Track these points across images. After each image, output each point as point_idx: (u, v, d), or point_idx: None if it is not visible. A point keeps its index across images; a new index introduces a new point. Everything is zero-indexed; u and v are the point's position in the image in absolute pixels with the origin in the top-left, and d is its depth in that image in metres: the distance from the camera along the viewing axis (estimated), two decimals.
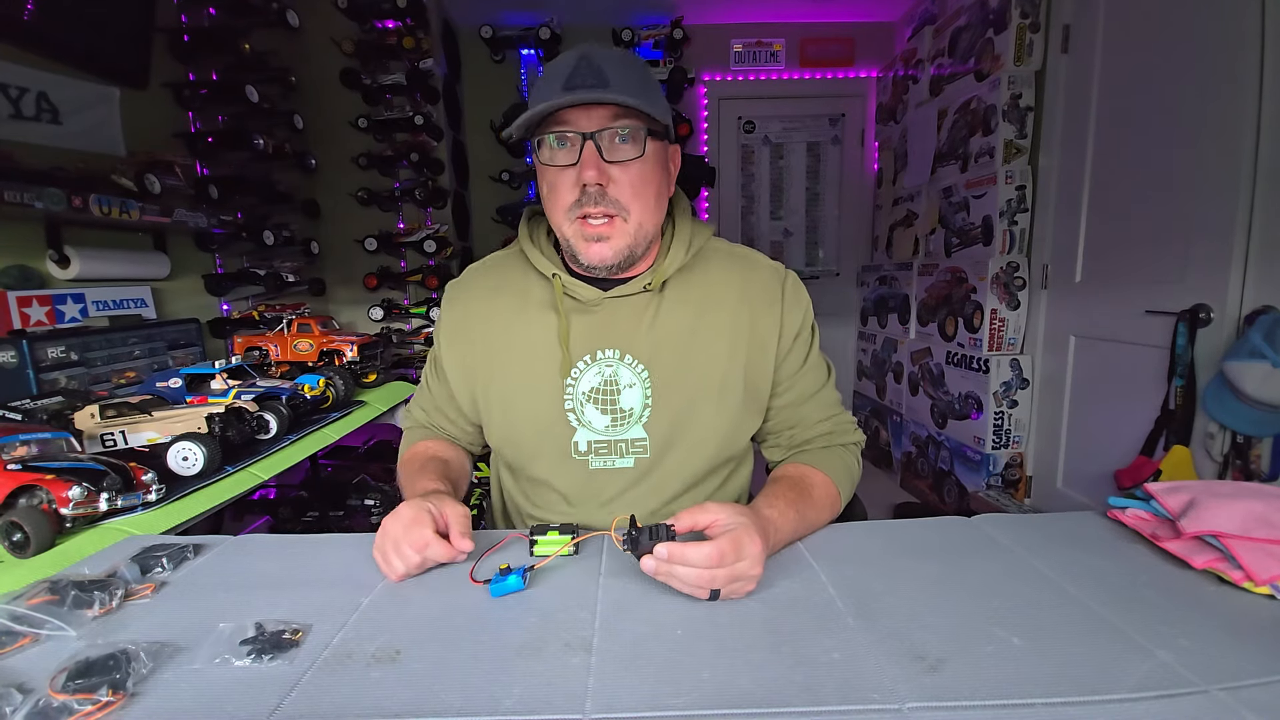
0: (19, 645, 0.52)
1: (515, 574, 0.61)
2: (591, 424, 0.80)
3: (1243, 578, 0.58)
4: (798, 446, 0.84)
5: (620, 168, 0.71)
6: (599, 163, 0.69)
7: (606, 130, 0.69)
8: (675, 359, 0.79)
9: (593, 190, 0.70)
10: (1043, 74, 2.04)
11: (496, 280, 0.85)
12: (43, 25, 1.49)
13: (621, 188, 0.71)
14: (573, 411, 0.79)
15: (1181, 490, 0.69)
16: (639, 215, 0.73)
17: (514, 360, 0.81)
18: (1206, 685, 0.45)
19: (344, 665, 0.50)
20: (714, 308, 0.80)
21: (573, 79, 0.67)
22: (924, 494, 2.64)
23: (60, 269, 1.54)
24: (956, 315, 2.33)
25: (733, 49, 3.20)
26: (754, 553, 0.57)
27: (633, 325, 0.79)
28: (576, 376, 0.79)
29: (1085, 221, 1.91)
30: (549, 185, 0.74)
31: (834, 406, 0.86)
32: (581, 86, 0.67)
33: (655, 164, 0.74)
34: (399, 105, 2.57)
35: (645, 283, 0.78)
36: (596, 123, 0.69)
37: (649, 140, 0.71)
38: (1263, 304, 1.38)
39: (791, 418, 0.85)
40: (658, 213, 0.76)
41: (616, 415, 0.79)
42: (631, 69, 0.70)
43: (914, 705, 0.44)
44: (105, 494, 0.84)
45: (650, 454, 0.80)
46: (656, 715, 0.44)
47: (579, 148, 0.69)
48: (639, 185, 0.72)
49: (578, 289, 0.78)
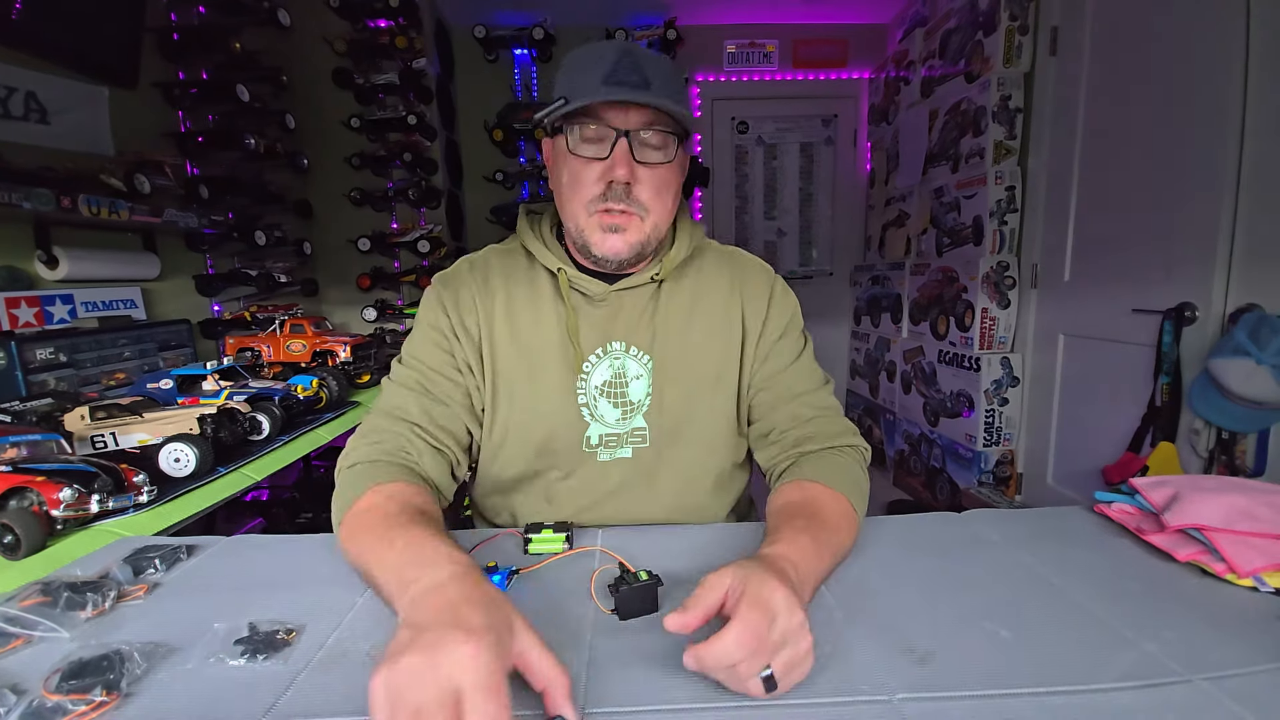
0: (12, 647, 0.52)
1: (499, 575, 0.61)
2: (604, 417, 0.79)
3: (1225, 570, 0.59)
4: (792, 448, 0.76)
5: (648, 170, 0.71)
6: (630, 161, 0.69)
7: (643, 131, 0.69)
8: (675, 349, 0.79)
9: (619, 188, 0.70)
10: (1031, 76, 2.06)
11: (493, 274, 0.81)
12: (31, 24, 1.48)
13: (645, 189, 0.71)
14: (586, 406, 0.78)
15: (1166, 485, 0.70)
16: (656, 216, 0.74)
17: (519, 356, 0.78)
18: (1190, 675, 0.46)
19: (338, 664, 0.50)
20: (708, 299, 0.81)
21: (615, 74, 0.67)
22: (917, 491, 2.66)
23: (49, 270, 1.53)
24: (948, 314, 2.35)
25: (726, 50, 3.21)
26: (782, 601, 0.44)
27: (636, 316, 0.79)
28: (589, 371, 0.78)
29: (1074, 221, 1.93)
30: (571, 174, 0.72)
31: (828, 410, 0.80)
32: (626, 84, 0.67)
33: (678, 170, 0.75)
34: (392, 105, 2.56)
35: (653, 273, 0.78)
36: (634, 122, 0.69)
37: (678, 148, 0.73)
38: (1246, 302, 1.40)
39: (778, 416, 0.79)
40: (671, 214, 0.77)
41: (626, 408, 0.79)
42: (671, 74, 0.70)
43: (904, 696, 0.45)
44: (96, 496, 0.83)
45: (650, 444, 0.79)
46: (652, 710, 0.45)
47: (610, 144, 0.69)
48: (662, 188, 0.73)
49: (584, 283, 0.77)
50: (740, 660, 0.43)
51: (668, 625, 0.45)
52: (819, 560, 0.57)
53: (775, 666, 0.43)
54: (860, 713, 0.43)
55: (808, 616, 0.46)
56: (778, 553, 0.54)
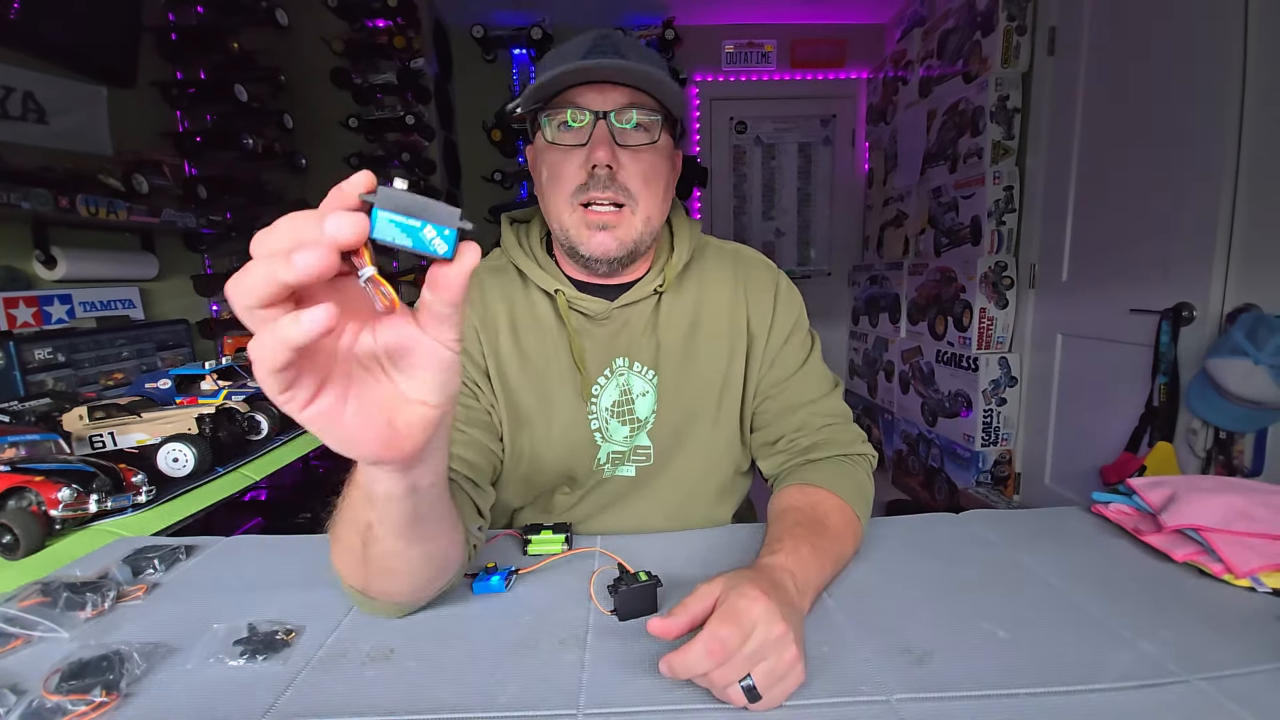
0: (11, 647, 0.52)
1: (499, 575, 0.61)
2: (613, 436, 0.75)
3: (1222, 570, 0.59)
4: (799, 455, 0.74)
5: (631, 154, 0.66)
6: (611, 143, 0.64)
7: (622, 111, 0.65)
8: (679, 361, 0.76)
9: (601, 173, 0.65)
10: (1029, 76, 2.06)
11: (490, 298, 0.75)
12: (29, 24, 1.48)
13: (631, 175, 0.66)
14: (599, 431, 0.75)
15: (1163, 485, 0.70)
16: (647, 207, 0.68)
17: (525, 382, 0.74)
18: (1187, 675, 0.46)
19: (338, 664, 0.50)
20: (711, 305, 0.77)
21: (591, 54, 0.63)
22: (915, 491, 2.66)
23: (47, 270, 1.53)
24: (946, 314, 2.35)
25: (724, 50, 3.21)
26: (761, 612, 0.44)
27: (639, 330, 0.75)
28: (598, 394, 0.74)
29: (1071, 221, 1.93)
30: (550, 168, 0.67)
31: (838, 418, 0.76)
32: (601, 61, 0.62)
33: (665, 158, 0.69)
34: (390, 105, 2.57)
35: (655, 285, 0.74)
36: (612, 103, 0.64)
37: (663, 131, 0.67)
38: (1244, 302, 1.40)
39: (786, 424, 0.76)
40: (664, 207, 0.71)
41: (634, 424, 0.76)
42: (651, 58, 0.67)
43: (901, 696, 0.45)
44: (95, 495, 0.83)
45: (653, 460, 0.76)
46: (650, 710, 0.45)
47: (589, 129, 0.65)
48: (650, 175, 0.67)
49: (584, 303, 0.72)
50: (709, 670, 0.43)
51: (650, 629, 0.46)
52: (820, 570, 0.57)
53: (756, 678, 0.43)
54: (859, 713, 0.44)
55: (798, 628, 0.46)
56: (777, 563, 0.53)
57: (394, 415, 0.35)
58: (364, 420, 0.34)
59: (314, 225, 0.29)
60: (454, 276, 0.31)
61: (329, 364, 0.33)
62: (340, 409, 0.33)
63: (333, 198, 0.30)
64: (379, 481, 0.40)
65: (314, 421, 0.33)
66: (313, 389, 0.32)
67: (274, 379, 0.30)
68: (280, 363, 0.29)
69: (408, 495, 0.41)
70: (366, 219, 0.29)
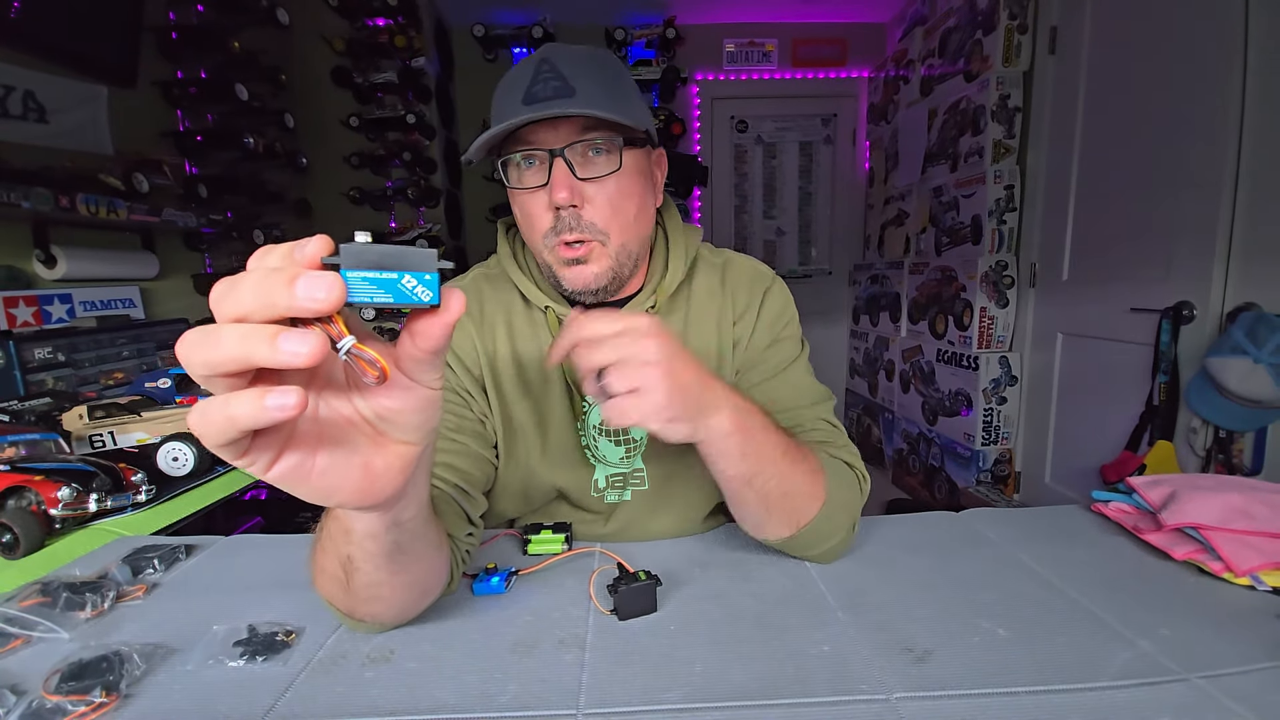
0: (11, 647, 0.52)
1: (499, 576, 0.61)
2: (606, 458, 0.74)
3: (1222, 569, 0.59)
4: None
5: (595, 185, 0.63)
6: (571, 181, 0.62)
7: (577, 144, 0.62)
8: None
9: (566, 214, 0.63)
10: (1030, 75, 2.06)
11: (489, 307, 0.74)
12: (30, 23, 1.48)
13: (598, 208, 0.64)
14: (588, 449, 0.74)
15: (1163, 483, 0.70)
16: (619, 237, 0.66)
17: (521, 390, 0.73)
18: (1187, 673, 0.46)
19: (338, 665, 0.50)
20: (700, 324, 0.75)
21: (533, 90, 0.60)
22: (915, 490, 2.66)
23: (47, 269, 1.53)
24: (947, 313, 2.35)
25: (725, 49, 3.21)
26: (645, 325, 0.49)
27: None
28: (587, 410, 0.73)
29: (1072, 221, 1.93)
30: (522, 211, 0.66)
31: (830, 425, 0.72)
32: (542, 98, 0.59)
33: (635, 175, 0.66)
34: (391, 104, 2.56)
35: (648, 305, 0.72)
36: (564, 137, 0.61)
37: (625, 151, 0.64)
38: (1244, 301, 1.40)
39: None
40: (640, 228, 0.69)
41: (629, 446, 0.74)
42: (600, 71, 0.63)
43: (901, 695, 0.45)
44: (94, 495, 0.83)
45: (648, 485, 0.75)
46: (649, 709, 0.45)
47: (547, 168, 0.62)
48: (618, 202, 0.65)
49: None
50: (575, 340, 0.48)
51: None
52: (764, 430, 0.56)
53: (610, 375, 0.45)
54: (858, 712, 0.44)
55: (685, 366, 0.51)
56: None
57: (370, 459, 0.33)
58: (338, 472, 0.32)
59: (284, 289, 0.25)
60: (439, 327, 0.29)
61: (290, 427, 0.30)
62: (309, 465, 0.31)
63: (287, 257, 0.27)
64: (358, 520, 0.39)
65: (281, 481, 0.30)
66: (273, 453, 0.29)
67: (224, 451, 0.27)
68: (225, 440, 0.26)
69: (389, 530, 0.40)
70: (341, 280, 0.26)
